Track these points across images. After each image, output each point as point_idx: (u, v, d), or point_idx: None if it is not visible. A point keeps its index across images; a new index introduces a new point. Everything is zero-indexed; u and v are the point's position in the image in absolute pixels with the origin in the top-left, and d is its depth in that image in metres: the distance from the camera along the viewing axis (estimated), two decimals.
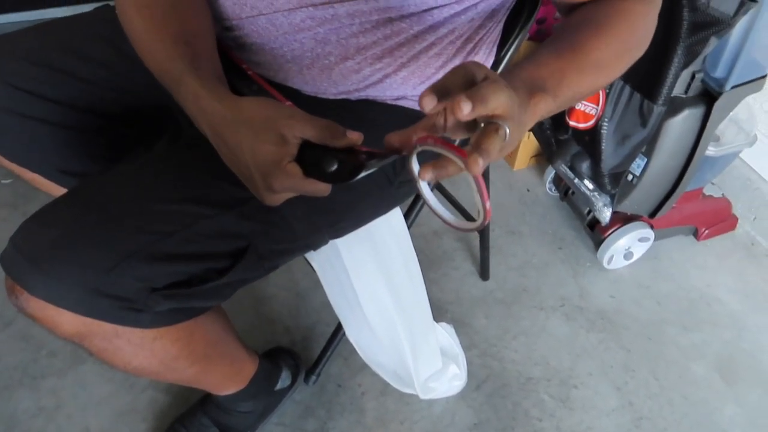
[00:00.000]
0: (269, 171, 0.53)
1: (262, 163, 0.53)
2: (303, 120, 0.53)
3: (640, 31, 0.65)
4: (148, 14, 0.63)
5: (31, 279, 0.58)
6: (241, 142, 0.54)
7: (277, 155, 0.52)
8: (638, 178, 1.20)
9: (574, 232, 1.49)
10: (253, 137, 0.53)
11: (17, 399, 1.13)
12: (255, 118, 0.54)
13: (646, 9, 0.65)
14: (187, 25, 0.64)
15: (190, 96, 0.58)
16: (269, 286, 1.34)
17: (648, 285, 1.40)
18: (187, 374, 0.80)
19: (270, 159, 0.52)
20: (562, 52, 0.58)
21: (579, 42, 0.59)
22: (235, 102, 0.56)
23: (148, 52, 0.63)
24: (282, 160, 0.52)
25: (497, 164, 1.65)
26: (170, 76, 0.60)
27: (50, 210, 0.62)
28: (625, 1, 0.64)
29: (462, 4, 0.68)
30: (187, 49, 0.61)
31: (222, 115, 0.55)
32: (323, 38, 0.68)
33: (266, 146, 0.52)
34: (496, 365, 1.23)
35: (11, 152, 0.83)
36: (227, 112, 0.55)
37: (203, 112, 0.57)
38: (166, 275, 0.63)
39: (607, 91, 1.04)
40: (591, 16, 0.63)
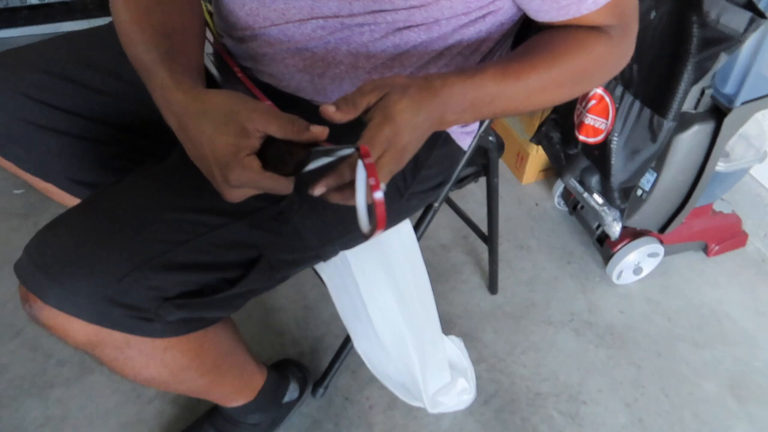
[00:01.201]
0: (227, 163, 0.53)
1: (221, 155, 0.53)
2: (265, 114, 0.53)
3: (593, 64, 0.67)
4: (134, 4, 0.65)
5: (44, 288, 0.59)
6: (202, 133, 0.54)
7: (235, 147, 0.52)
8: (648, 193, 1.20)
9: (583, 247, 1.49)
10: (214, 129, 0.53)
11: (25, 408, 1.13)
12: (217, 109, 0.54)
13: (605, 45, 0.66)
14: (169, 19, 0.64)
15: (158, 87, 0.58)
16: (278, 297, 1.34)
17: (658, 301, 1.39)
18: (197, 385, 0.80)
19: (228, 151, 0.52)
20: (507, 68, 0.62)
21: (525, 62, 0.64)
22: (200, 94, 0.56)
23: (128, 41, 0.64)
24: (240, 153, 0.52)
25: (506, 178, 1.65)
26: (144, 66, 0.61)
27: (64, 220, 0.63)
28: (585, 33, 0.66)
29: (469, 17, 0.69)
30: (165, 41, 0.61)
31: (185, 106, 0.56)
32: (334, 47, 0.69)
33: (226, 138, 0.52)
34: (504, 380, 1.22)
35: (25, 162, 0.84)
36: (191, 103, 0.56)
37: (168, 103, 0.57)
38: (178, 285, 0.63)
39: (617, 106, 1.04)
40: (548, 40, 0.66)
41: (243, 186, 0.55)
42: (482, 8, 0.68)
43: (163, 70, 0.59)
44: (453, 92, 0.59)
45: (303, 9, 0.67)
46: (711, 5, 0.89)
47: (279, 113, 0.54)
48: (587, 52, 0.66)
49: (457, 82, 0.59)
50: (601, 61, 0.68)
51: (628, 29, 0.69)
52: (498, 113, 0.66)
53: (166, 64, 0.59)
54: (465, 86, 0.60)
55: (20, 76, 0.79)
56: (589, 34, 0.66)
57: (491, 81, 0.61)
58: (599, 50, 0.67)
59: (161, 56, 0.60)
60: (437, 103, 0.58)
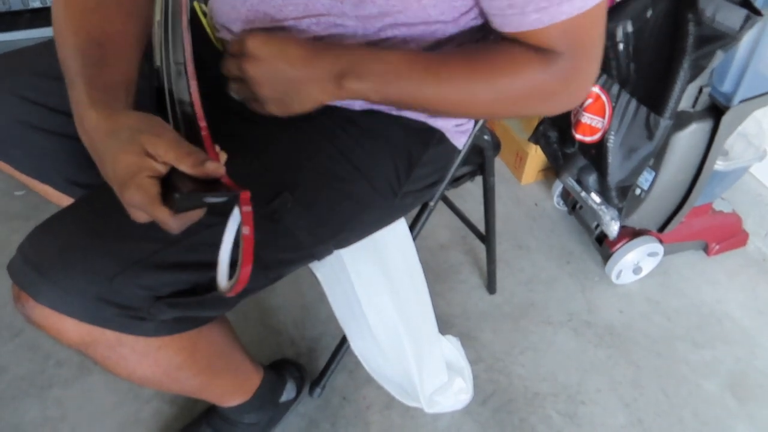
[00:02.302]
0: (124, 182, 0.51)
1: (121, 173, 0.52)
2: (168, 141, 0.52)
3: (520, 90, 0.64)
4: (74, 7, 0.63)
5: (36, 287, 0.59)
6: (107, 152, 0.53)
7: (134, 167, 0.51)
8: (646, 192, 1.19)
9: (582, 247, 1.48)
10: (118, 147, 0.52)
11: (24, 409, 1.14)
12: (124, 128, 0.53)
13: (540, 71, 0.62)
14: (108, 24, 0.63)
15: (74, 101, 0.57)
16: (276, 297, 1.34)
17: (658, 300, 1.38)
18: (191, 385, 0.80)
19: (128, 170, 0.51)
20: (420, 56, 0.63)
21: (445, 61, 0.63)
22: (113, 114, 0.55)
23: (60, 42, 0.63)
24: (140, 173, 0.51)
25: (505, 178, 1.65)
26: (67, 73, 0.60)
27: (57, 219, 0.63)
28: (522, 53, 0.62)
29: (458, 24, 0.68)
30: (96, 50, 0.60)
31: (96, 125, 0.55)
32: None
33: (127, 156, 0.51)
34: (502, 380, 1.22)
35: (23, 163, 0.84)
36: (102, 122, 0.55)
37: (81, 119, 0.56)
38: (170, 284, 0.63)
39: (613, 105, 1.04)
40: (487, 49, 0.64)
41: (137, 208, 0.53)
42: (468, 12, 0.67)
43: (82, 83, 0.57)
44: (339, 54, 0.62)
45: (298, 6, 0.67)
46: (706, 3, 0.89)
47: (181, 144, 0.53)
48: (515, 72, 0.62)
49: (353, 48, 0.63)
50: (534, 88, 0.63)
51: (580, 63, 0.62)
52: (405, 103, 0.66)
53: (87, 77, 0.58)
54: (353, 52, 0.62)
55: (15, 78, 0.79)
56: (525, 54, 0.62)
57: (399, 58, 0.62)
58: (531, 76, 0.62)
59: (85, 67, 0.58)
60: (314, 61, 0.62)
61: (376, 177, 0.75)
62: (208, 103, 0.75)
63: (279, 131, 0.72)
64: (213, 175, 0.53)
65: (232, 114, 0.74)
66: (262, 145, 0.71)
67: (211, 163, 0.52)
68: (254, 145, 0.71)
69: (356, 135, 0.74)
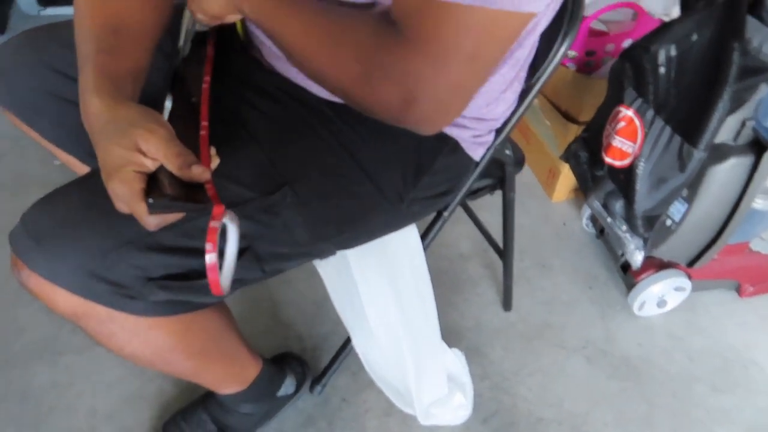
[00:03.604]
0: (111, 172, 0.52)
1: (109, 164, 0.52)
2: (159, 139, 0.52)
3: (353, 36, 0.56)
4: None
5: (31, 256, 0.60)
6: (101, 139, 0.54)
7: (123, 160, 0.52)
8: (677, 224, 1.14)
9: (607, 273, 1.43)
10: (111, 137, 0.53)
11: (34, 372, 1.18)
12: (121, 120, 0.54)
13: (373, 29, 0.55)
14: (124, 14, 0.63)
15: (81, 84, 0.58)
16: (289, 291, 1.35)
17: (680, 337, 1.32)
18: (183, 367, 0.80)
19: (116, 162, 0.52)
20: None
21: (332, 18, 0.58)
22: (115, 104, 0.56)
23: (78, 24, 0.63)
24: (126, 166, 0.52)
25: (536, 193, 1.61)
26: (80, 57, 0.61)
27: (60, 193, 0.64)
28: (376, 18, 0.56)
29: None
30: (110, 38, 0.61)
31: (98, 112, 0.55)
32: None
33: (118, 148, 0.52)
34: (507, 400, 1.19)
35: (49, 132, 0.87)
36: (103, 111, 0.55)
37: (85, 103, 0.57)
38: (163, 266, 0.64)
39: (646, 130, 1.00)
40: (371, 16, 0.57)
41: (120, 200, 0.54)
42: None
43: (91, 69, 0.58)
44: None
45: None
46: (754, 32, 0.84)
47: (173, 144, 0.53)
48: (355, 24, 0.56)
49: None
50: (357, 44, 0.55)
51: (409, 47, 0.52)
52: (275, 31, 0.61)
53: (97, 64, 0.58)
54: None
55: (48, 50, 0.82)
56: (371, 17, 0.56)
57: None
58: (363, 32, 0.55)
59: (97, 53, 0.59)
60: None
61: (383, 180, 0.74)
62: (224, 91, 0.75)
63: (289, 126, 0.72)
64: (197, 180, 0.53)
65: (247, 104, 0.75)
66: (270, 138, 0.71)
67: (197, 167, 0.53)
68: (263, 137, 0.71)
69: (366, 136, 0.73)
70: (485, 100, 0.76)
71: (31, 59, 0.81)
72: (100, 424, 1.11)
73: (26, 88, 0.82)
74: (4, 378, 1.16)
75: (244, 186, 0.65)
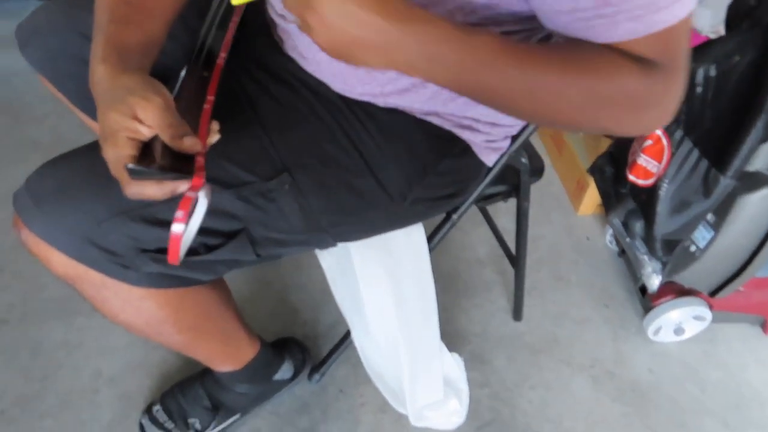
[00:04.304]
0: (105, 137, 0.53)
1: (105, 128, 0.53)
2: (156, 107, 0.53)
3: (617, 95, 0.55)
4: None
5: (30, 216, 0.62)
6: (100, 105, 0.55)
7: (117, 125, 0.53)
8: (702, 250, 1.09)
9: (625, 293, 1.39)
10: (110, 103, 0.54)
11: (48, 329, 1.22)
12: (121, 88, 0.55)
13: (639, 80, 0.55)
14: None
15: (92, 51, 0.59)
16: (301, 276, 1.35)
17: (695, 368, 1.27)
18: (174, 341, 0.82)
19: (111, 127, 0.53)
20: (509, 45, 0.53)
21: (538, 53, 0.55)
22: (117, 72, 0.57)
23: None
24: (120, 131, 0.53)
25: (562, 204, 1.57)
26: (95, 25, 0.62)
27: (66, 157, 0.66)
28: (622, 58, 0.55)
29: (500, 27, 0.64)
30: (123, 9, 0.62)
31: (102, 80, 0.56)
32: None
33: (113, 114, 0.53)
34: (505, 411, 1.17)
35: (76, 97, 0.89)
36: (107, 79, 0.56)
37: (91, 70, 0.58)
38: (156, 239, 0.65)
39: (673, 151, 0.96)
40: (579, 47, 0.56)
41: (111, 164, 0.55)
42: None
43: (101, 38, 0.59)
44: (430, 30, 0.51)
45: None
46: None
47: (168, 112, 0.54)
48: (613, 77, 0.54)
49: (441, 24, 0.51)
50: (628, 97, 0.56)
51: (675, 75, 0.56)
52: (483, 94, 0.56)
53: (107, 33, 0.59)
54: (448, 33, 0.51)
55: (79, 16, 0.83)
56: (624, 60, 0.55)
57: (484, 47, 0.52)
58: (629, 82, 0.55)
59: (109, 23, 0.60)
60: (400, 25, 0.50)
61: (386, 176, 0.73)
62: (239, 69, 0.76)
63: (296, 113, 0.72)
64: (188, 151, 0.54)
65: (259, 86, 0.75)
66: (275, 123, 0.71)
67: (189, 138, 0.53)
68: (269, 120, 0.71)
69: (373, 131, 0.72)
70: None
71: (63, 23, 0.83)
72: (103, 386, 1.14)
73: (57, 51, 0.84)
74: (20, 331, 1.21)
75: (243, 168, 0.66)
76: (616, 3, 0.51)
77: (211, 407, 1.03)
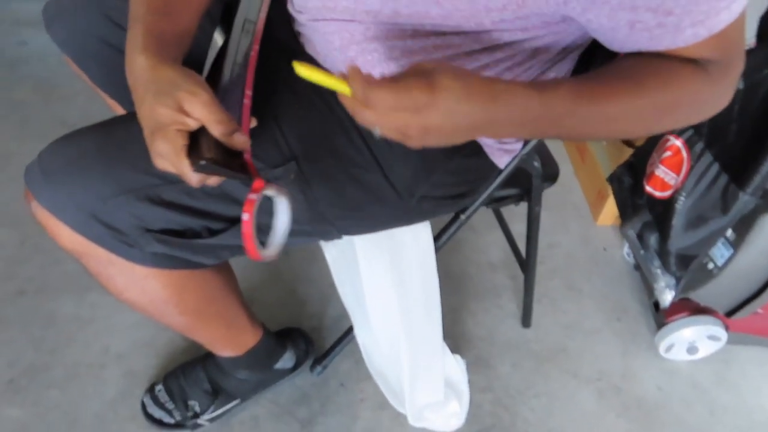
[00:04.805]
0: (155, 131, 0.54)
1: (154, 122, 0.54)
2: (203, 101, 0.54)
3: (685, 100, 0.58)
4: None
5: (39, 189, 0.63)
6: (145, 97, 0.56)
7: (168, 118, 0.54)
8: (719, 269, 1.06)
9: (639, 307, 1.36)
10: (156, 97, 0.55)
11: (62, 302, 1.24)
12: (165, 81, 0.55)
13: (702, 82, 0.57)
14: None
15: (129, 40, 0.60)
16: (311, 268, 1.36)
17: (706, 389, 1.24)
18: (176, 322, 0.83)
19: (161, 121, 0.54)
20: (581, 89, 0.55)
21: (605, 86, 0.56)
22: (158, 63, 0.57)
23: None
24: (171, 125, 0.54)
25: (581, 213, 1.55)
26: (130, 13, 0.62)
27: (78, 133, 0.67)
28: (680, 65, 0.57)
29: (527, 32, 0.64)
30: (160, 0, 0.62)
31: (141, 70, 0.57)
32: (373, 35, 0.67)
33: (161, 108, 0.54)
34: (506, 418, 1.16)
35: (97, 76, 0.90)
36: (147, 70, 0.57)
37: (131, 61, 0.58)
38: (161, 220, 0.65)
39: (692, 164, 0.93)
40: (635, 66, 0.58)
41: (163, 158, 0.56)
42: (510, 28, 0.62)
43: (140, 28, 0.60)
44: (514, 102, 0.53)
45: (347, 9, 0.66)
46: None
47: (215, 108, 0.54)
48: (680, 86, 0.57)
49: (521, 93, 0.53)
50: (694, 99, 0.59)
51: (730, 67, 0.59)
52: (565, 136, 0.60)
53: (146, 23, 0.60)
54: (530, 99, 0.53)
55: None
56: (684, 66, 0.57)
57: (561, 101, 0.54)
58: (694, 87, 0.58)
59: (147, 13, 0.61)
60: (490, 106, 0.52)
61: (394, 172, 0.73)
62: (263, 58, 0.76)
63: (310, 104, 0.72)
64: (239, 148, 0.56)
65: (278, 75, 0.75)
66: (288, 112, 0.71)
67: (239, 135, 0.55)
68: (282, 109, 0.71)
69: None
70: None
71: (89, 4, 0.84)
72: (110, 362, 1.16)
73: (82, 31, 0.86)
74: (35, 303, 1.24)
75: (251, 154, 0.66)
76: (678, 13, 0.52)
77: (211, 391, 1.04)
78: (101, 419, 1.09)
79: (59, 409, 1.10)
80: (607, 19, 0.55)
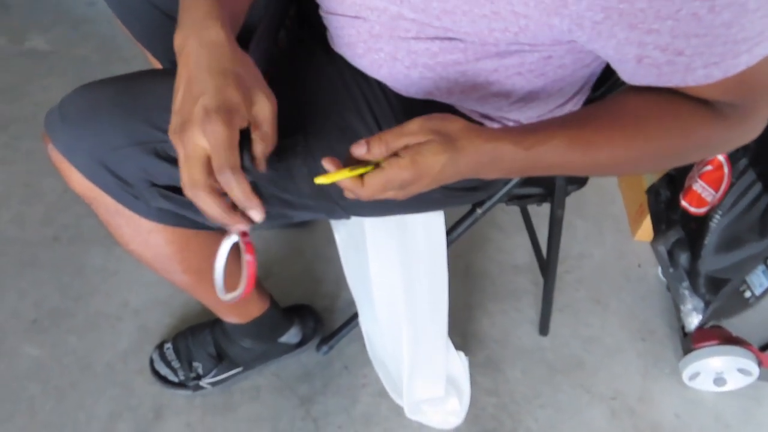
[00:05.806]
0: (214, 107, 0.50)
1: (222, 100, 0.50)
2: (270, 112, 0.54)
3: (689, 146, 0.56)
4: None
5: (55, 132, 0.65)
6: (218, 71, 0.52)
7: (234, 105, 0.51)
8: (757, 298, 1.00)
9: (666, 330, 1.29)
10: (235, 77, 0.52)
11: (92, 254, 1.29)
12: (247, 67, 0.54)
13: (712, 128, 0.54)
14: None
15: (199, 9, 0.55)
16: (332, 249, 1.34)
17: (729, 424, 1.17)
18: (180, 280, 0.84)
19: (231, 101, 0.51)
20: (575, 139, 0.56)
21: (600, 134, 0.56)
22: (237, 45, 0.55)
23: None
24: (234, 113, 0.51)
25: (620, 227, 1.48)
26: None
27: (101, 83, 0.68)
28: (689, 109, 0.53)
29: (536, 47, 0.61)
30: None
31: (218, 42, 0.54)
32: (377, 33, 0.66)
33: (236, 92, 0.51)
34: (508, 424, 1.12)
35: (140, 34, 0.92)
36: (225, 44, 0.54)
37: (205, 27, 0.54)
38: (167, 176, 0.66)
39: (733, 181, 0.87)
40: (638, 106, 0.56)
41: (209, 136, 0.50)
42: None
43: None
44: (501, 159, 0.56)
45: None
46: None
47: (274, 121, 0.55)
48: (687, 133, 0.54)
49: (509, 151, 0.55)
50: (704, 144, 0.56)
51: (752, 110, 0.55)
52: (555, 174, 0.61)
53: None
54: (516, 153, 0.55)
55: None
56: (695, 109, 0.54)
57: (552, 153, 0.56)
58: (704, 132, 0.54)
59: None
60: (478, 164, 0.56)
61: None
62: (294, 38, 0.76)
63: (326, 80, 0.72)
64: (256, 168, 0.56)
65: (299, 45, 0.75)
66: (303, 85, 0.71)
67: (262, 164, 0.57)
68: (299, 85, 0.71)
69: (398, 111, 0.70)
70: (536, 112, 0.71)
71: None
72: (127, 315, 1.20)
73: None
74: (67, 251, 1.29)
75: None
76: (689, 54, 0.49)
77: (215, 355, 1.06)
78: (111, 369, 1.13)
79: (74, 355, 1.14)
80: (613, 51, 0.53)
